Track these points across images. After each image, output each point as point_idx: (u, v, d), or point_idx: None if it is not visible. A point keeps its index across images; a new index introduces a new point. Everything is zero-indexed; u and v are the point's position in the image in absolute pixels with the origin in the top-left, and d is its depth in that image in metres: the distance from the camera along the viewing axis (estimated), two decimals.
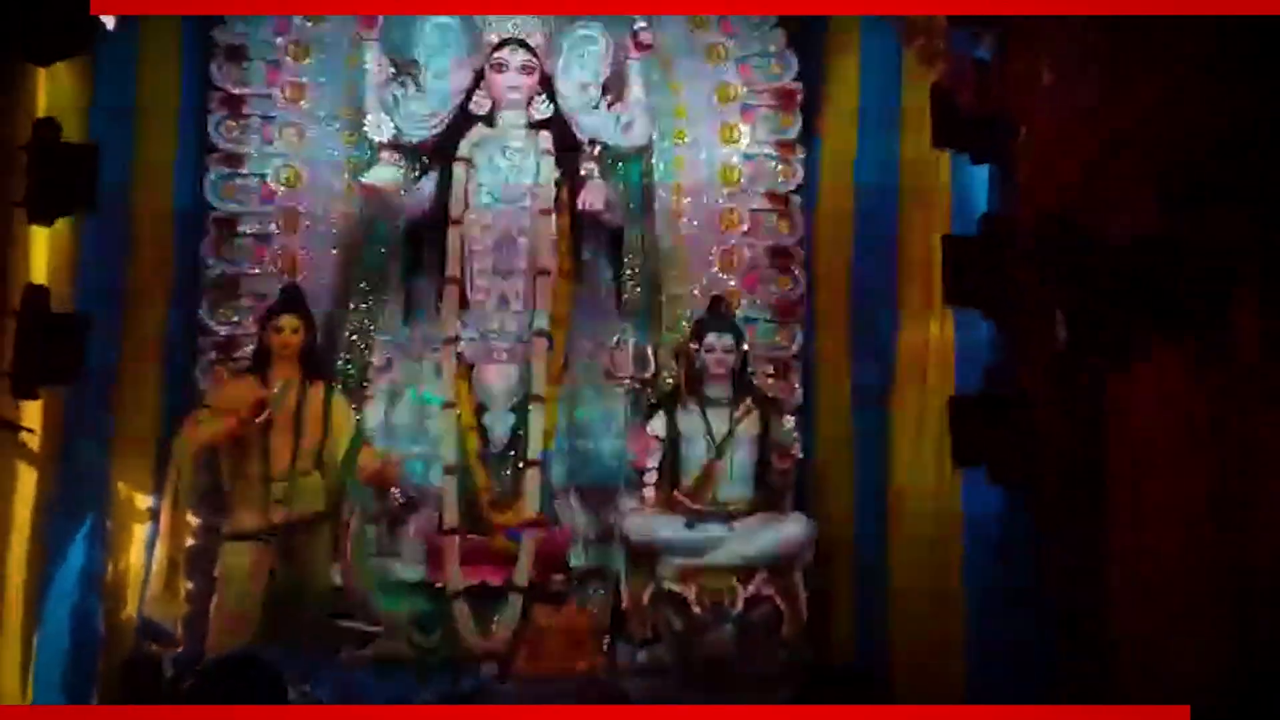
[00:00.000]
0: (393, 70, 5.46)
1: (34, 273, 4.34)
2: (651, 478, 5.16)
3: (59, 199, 4.05)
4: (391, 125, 5.36)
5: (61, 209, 4.12)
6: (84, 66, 4.64)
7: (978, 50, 4.22)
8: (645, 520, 5.06)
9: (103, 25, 4.11)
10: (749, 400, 5.22)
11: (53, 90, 4.41)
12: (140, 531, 5.00)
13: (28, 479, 4.46)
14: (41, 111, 4.25)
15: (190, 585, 4.89)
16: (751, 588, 4.93)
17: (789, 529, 5.05)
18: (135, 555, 4.99)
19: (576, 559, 5.12)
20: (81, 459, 4.80)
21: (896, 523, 4.99)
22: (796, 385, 5.62)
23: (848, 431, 5.35)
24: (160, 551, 4.73)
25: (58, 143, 4.03)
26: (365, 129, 5.37)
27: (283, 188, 5.57)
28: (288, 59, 5.64)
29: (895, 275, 5.10)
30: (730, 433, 5.13)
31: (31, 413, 4.37)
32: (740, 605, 4.91)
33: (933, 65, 4.33)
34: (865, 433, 5.26)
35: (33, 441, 4.39)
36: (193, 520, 4.90)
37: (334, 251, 5.58)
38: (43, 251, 4.40)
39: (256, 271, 5.53)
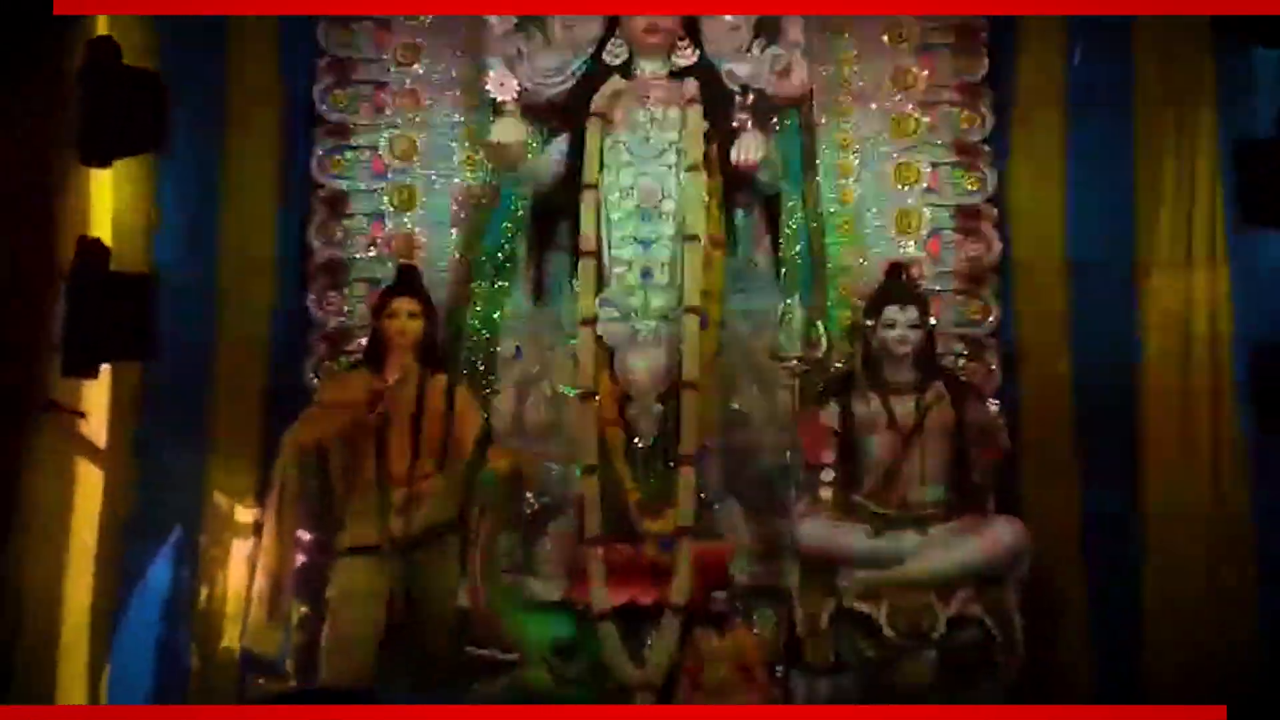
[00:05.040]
0: (516, 21, 4.87)
1: (93, 225, 3.75)
2: (827, 476, 4.45)
3: (118, 138, 3.43)
4: (516, 82, 4.73)
5: (122, 148, 3.50)
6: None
7: None
8: (821, 527, 4.36)
9: None
10: (938, 384, 4.50)
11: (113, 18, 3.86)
12: (239, 548, 4.48)
13: (91, 481, 3.84)
14: (100, 32, 3.67)
15: (301, 610, 4.34)
16: (954, 607, 4.19)
17: (997, 535, 4.28)
18: (234, 576, 4.46)
19: (741, 573, 4.45)
20: (165, 460, 4.26)
21: (1148, 525, 4.12)
22: (994, 366, 4.89)
23: (1066, 416, 4.57)
24: (263, 571, 4.17)
25: (117, 67, 3.42)
26: (487, 88, 4.74)
27: (396, 160, 5.06)
28: (398, 18, 5.12)
29: (1131, 212, 4.23)
30: (919, 423, 4.40)
31: (97, 395, 3.75)
32: (942, 628, 4.16)
33: None
34: (1092, 415, 4.48)
35: (97, 436, 3.77)
36: (301, 534, 4.34)
37: (453, 231, 5.04)
38: (106, 201, 3.81)
39: (369, 255, 5.00)
